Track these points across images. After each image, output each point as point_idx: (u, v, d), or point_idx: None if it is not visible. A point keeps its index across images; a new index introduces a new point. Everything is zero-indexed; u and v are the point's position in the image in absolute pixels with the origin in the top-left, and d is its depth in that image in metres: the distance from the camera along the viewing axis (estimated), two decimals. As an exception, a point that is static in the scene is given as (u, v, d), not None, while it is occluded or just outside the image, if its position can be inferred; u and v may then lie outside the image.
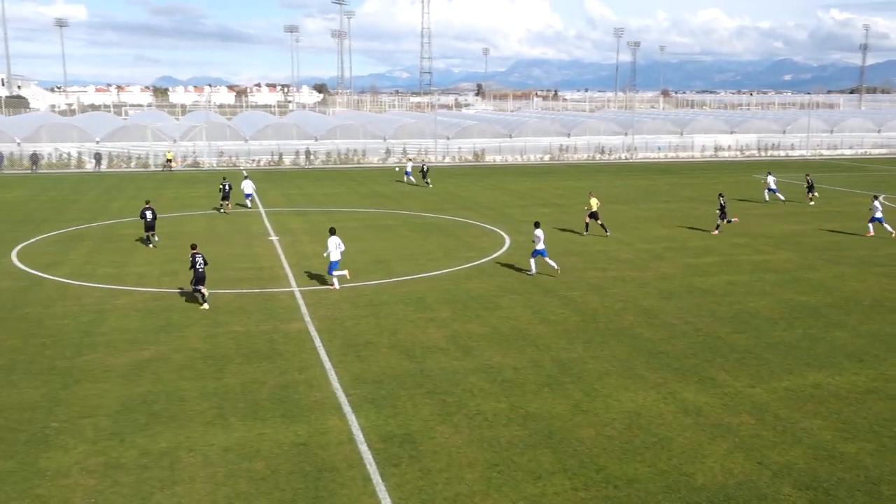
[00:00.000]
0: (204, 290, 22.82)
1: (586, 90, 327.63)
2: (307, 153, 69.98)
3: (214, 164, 68.49)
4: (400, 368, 17.70)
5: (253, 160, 70.52)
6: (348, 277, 25.43)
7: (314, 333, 20.31)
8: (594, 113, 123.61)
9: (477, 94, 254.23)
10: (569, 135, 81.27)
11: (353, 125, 78.94)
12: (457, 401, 15.91)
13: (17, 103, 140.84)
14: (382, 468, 13.07)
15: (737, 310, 22.69)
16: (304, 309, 22.61)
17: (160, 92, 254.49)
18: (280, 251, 30.89)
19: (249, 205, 43.30)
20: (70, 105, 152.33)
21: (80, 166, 66.20)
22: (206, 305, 22.74)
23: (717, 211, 35.58)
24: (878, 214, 34.70)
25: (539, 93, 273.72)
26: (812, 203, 44.72)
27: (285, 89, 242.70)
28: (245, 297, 23.97)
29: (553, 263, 26.59)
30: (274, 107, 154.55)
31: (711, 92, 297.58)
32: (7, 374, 17.35)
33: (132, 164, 67.13)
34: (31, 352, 18.86)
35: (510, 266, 28.18)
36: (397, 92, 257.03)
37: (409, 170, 56.20)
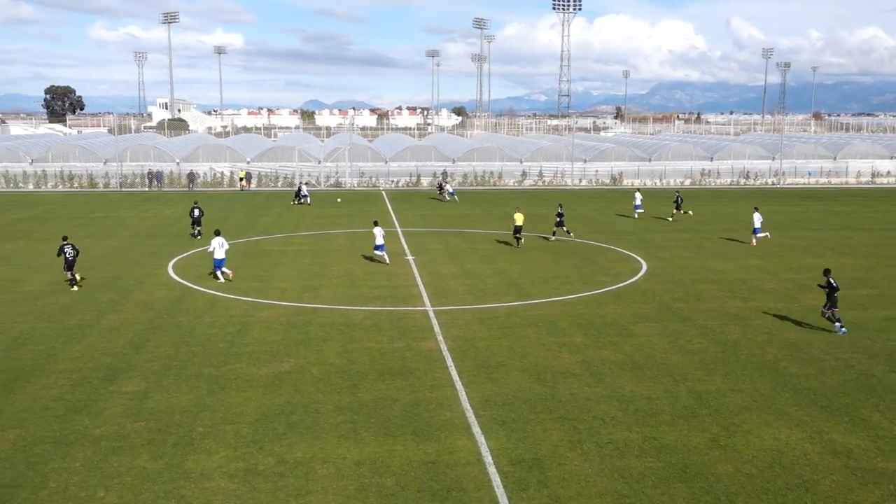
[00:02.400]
0: (76, 276, 27.76)
1: (731, 113, 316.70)
2: (444, 175, 71.11)
3: (356, 185, 70.70)
4: (531, 392, 17.57)
5: (392, 181, 72.31)
6: (231, 277, 28.96)
7: (446, 353, 20.49)
8: (739, 136, 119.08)
9: (616, 117, 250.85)
10: (711, 159, 78.71)
11: (490, 147, 79.56)
12: (588, 428, 15.61)
13: (178, 125, 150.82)
14: (510, 492, 12.96)
15: (893, 347, 21.15)
16: (437, 328, 22.87)
17: (307, 115, 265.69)
18: (415, 270, 31.44)
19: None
20: (225, 127, 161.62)
21: (231, 185, 69.96)
22: (75, 288, 27.45)
23: None
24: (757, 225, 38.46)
25: (681, 115, 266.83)
26: None
27: (425, 112, 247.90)
28: (380, 314, 24.51)
29: (386, 258, 32.02)
30: (413, 129, 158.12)
31: (869, 115, 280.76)
32: (160, 378, 18.46)
33: (279, 184, 70.32)
34: (181, 359, 19.99)
35: (646, 292, 27.47)
36: (535, 115, 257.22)
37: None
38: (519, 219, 36.88)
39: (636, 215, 48.50)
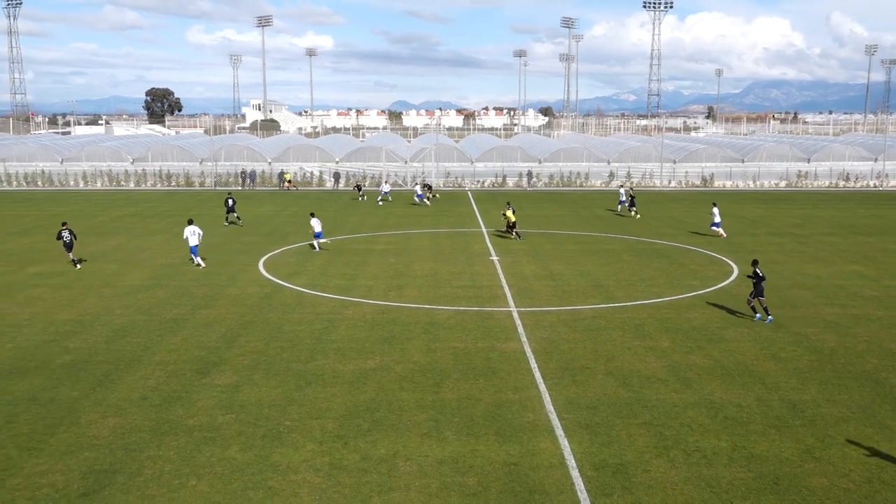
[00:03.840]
0: (75, 258, 31.58)
1: (830, 112, 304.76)
2: (529, 175, 70.76)
3: (441, 185, 71.12)
4: (615, 396, 17.31)
5: (478, 181, 72.45)
6: (202, 265, 31.78)
7: (530, 354, 20.39)
8: (839, 137, 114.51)
9: (707, 117, 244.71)
10: (808, 160, 75.97)
11: (576, 148, 78.84)
12: (674, 434, 15.28)
13: (270, 126, 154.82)
14: (594, 497, 12.81)
15: None
16: (521, 329, 22.79)
17: (394, 115, 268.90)
18: (500, 271, 31.39)
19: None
20: (315, 128, 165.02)
21: (321, 184, 71.35)
22: (79, 266, 31.20)
23: None
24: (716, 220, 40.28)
25: (776, 115, 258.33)
26: None
27: (511, 112, 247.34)
28: (464, 314, 24.58)
29: (318, 246, 35.08)
30: (500, 130, 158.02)
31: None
32: (250, 373, 18.98)
33: (366, 184, 71.39)
34: (270, 354, 20.51)
35: (737, 297, 26.70)
36: (623, 115, 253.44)
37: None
38: (511, 216, 39.84)
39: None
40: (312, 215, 36.95)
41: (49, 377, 18.65)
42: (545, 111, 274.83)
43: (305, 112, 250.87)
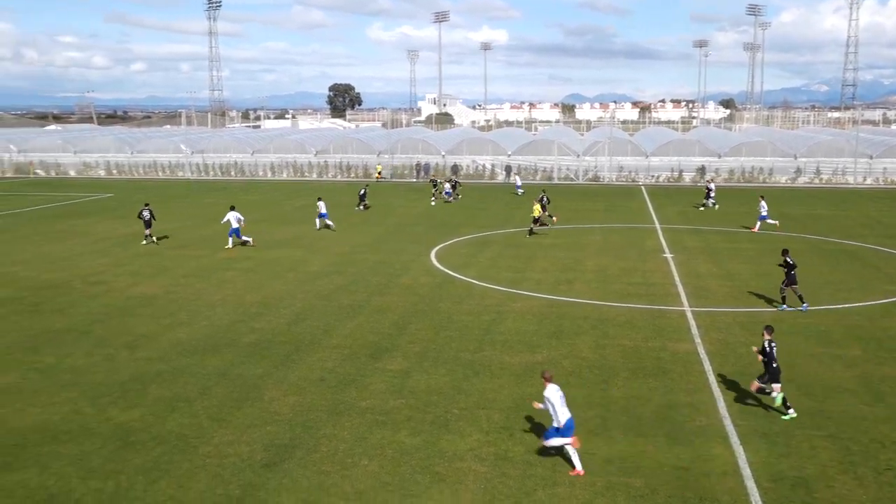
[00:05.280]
0: (153, 236, 36.48)
1: None
2: (702, 170, 67.94)
3: (614, 179, 69.77)
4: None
5: (652, 176, 70.46)
6: (251, 242, 35.48)
7: (704, 356, 19.64)
8: None
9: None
10: None
11: (760, 142, 74.80)
12: (863, 450, 14.22)
13: (444, 119, 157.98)
14: (769, 509, 12.17)
15: None
16: (694, 330, 21.99)
17: (567, 108, 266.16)
18: (673, 269, 30.41)
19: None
20: (488, 121, 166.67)
21: (492, 177, 71.94)
22: (152, 240, 36.33)
23: None
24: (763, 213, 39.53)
25: None
26: None
27: (690, 105, 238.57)
28: (635, 311, 24.02)
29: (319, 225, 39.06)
30: (677, 123, 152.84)
31: None
32: (420, 360, 19.50)
33: (538, 177, 71.25)
34: (440, 342, 20.97)
35: (941, 305, 24.42)
36: (813, 107, 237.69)
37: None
38: (536, 210, 38.65)
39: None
40: (319, 199, 40.98)
41: (237, 354, 20.03)
42: (726, 103, 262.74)
43: (479, 106, 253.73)
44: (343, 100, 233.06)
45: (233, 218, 35.40)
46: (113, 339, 21.44)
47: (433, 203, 52.54)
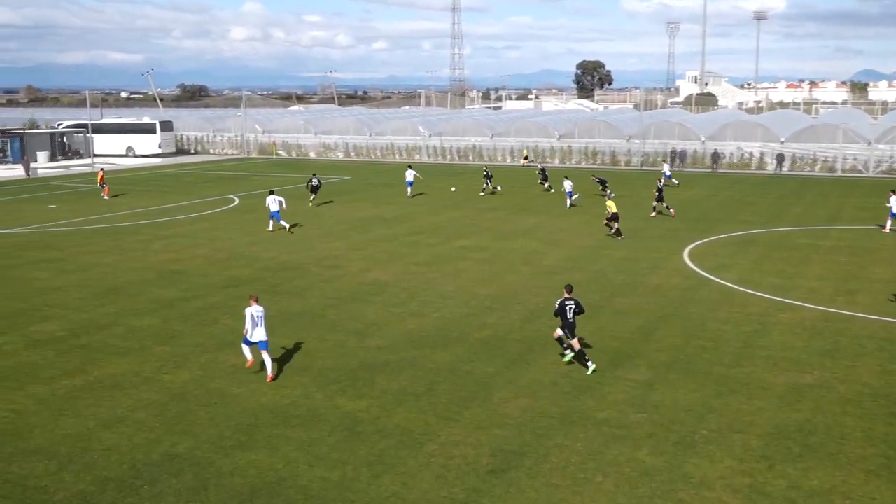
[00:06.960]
0: (313, 197, 46.21)
1: None
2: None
3: (913, 172, 63.62)
4: None
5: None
6: (287, 227, 38.26)
7: None
8: None
9: None
10: None
11: None
12: None
13: (706, 101, 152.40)
14: None
15: None
16: None
17: (858, 87, 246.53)
18: None
19: None
20: (758, 102, 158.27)
21: (760, 167, 68.36)
22: (312, 204, 45.89)
23: None
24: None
25: None
26: None
27: None
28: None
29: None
30: None
31: None
32: (666, 371, 18.99)
33: (816, 168, 66.67)
34: (690, 353, 20.29)
35: None
36: None
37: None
38: (612, 206, 36.03)
39: None
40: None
41: (467, 350, 20.64)
42: None
43: (748, 85, 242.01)
44: (591, 78, 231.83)
45: (272, 202, 38.55)
46: (344, 325, 22.92)
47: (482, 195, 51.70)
